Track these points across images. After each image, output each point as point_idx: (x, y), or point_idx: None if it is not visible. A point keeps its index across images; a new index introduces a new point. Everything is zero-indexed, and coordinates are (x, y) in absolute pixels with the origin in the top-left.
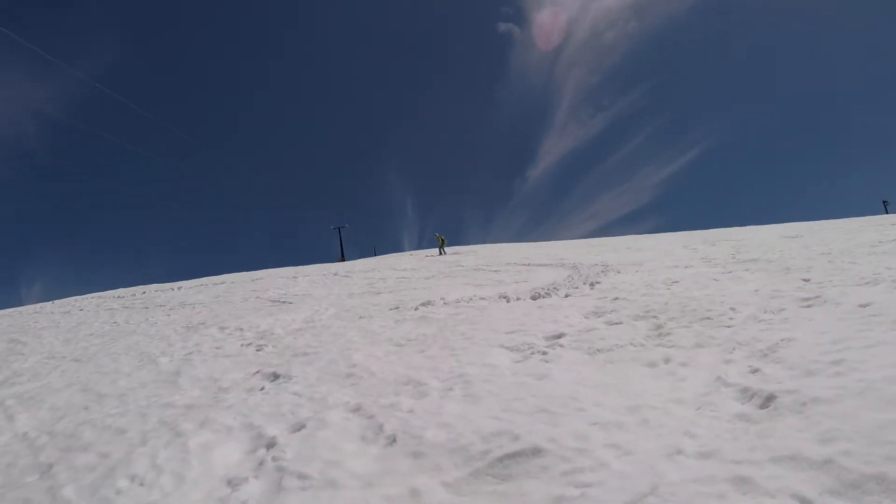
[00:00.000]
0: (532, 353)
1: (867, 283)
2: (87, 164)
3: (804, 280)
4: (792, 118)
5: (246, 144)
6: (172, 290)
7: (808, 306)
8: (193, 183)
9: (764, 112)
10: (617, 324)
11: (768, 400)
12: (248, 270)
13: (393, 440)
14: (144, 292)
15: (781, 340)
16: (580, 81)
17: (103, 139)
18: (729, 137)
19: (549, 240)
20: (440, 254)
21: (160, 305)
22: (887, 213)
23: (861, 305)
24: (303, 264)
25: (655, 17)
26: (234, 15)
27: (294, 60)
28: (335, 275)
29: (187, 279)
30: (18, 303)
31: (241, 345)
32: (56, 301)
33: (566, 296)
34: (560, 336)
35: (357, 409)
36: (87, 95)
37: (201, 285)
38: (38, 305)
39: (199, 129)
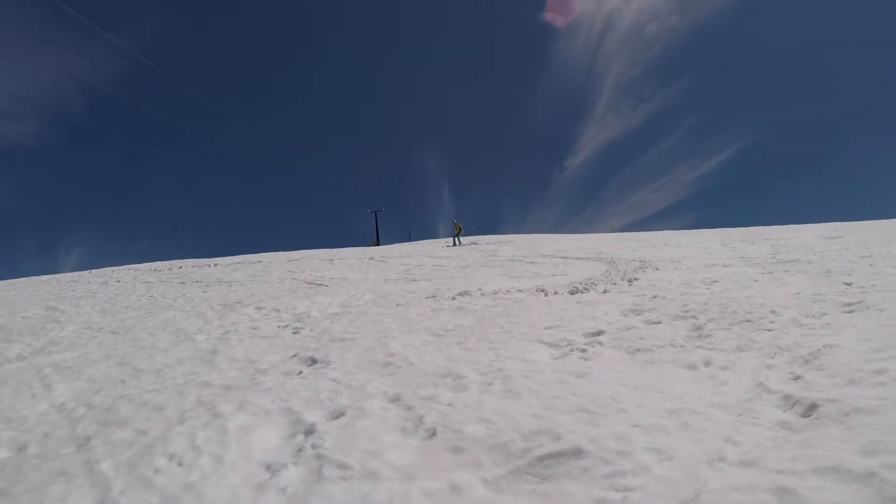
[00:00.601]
0: (571, 350)
1: None
2: (127, 136)
3: (846, 284)
4: (833, 116)
5: (287, 125)
6: (209, 266)
7: (851, 312)
8: (232, 160)
9: (803, 110)
10: (656, 323)
11: (810, 408)
12: (284, 250)
13: (433, 433)
14: (181, 267)
15: (824, 347)
16: (621, 73)
17: (144, 112)
18: (768, 135)
19: (585, 232)
20: (454, 244)
21: (197, 281)
22: None
23: None
24: (338, 247)
25: (699, 11)
26: None
27: (335, 44)
28: (371, 259)
29: (223, 256)
30: (56, 269)
31: (278, 326)
32: (93, 270)
33: (604, 291)
34: (599, 333)
35: (396, 400)
36: (130, 67)
37: (238, 263)
38: (76, 274)
39: (240, 106)
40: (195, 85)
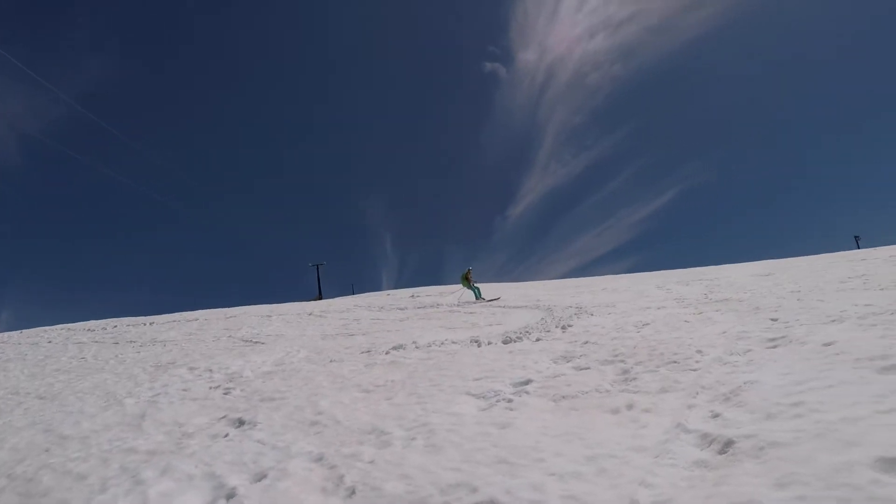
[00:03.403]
0: (498, 401)
1: (833, 321)
2: (64, 187)
3: (772, 319)
4: (769, 156)
5: (224, 177)
6: (144, 325)
7: (774, 347)
8: (170, 213)
9: (743, 152)
10: (585, 369)
11: (727, 445)
12: (222, 307)
13: (352, 492)
14: (116, 326)
15: (745, 383)
16: (563, 122)
17: (83, 163)
18: (711, 175)
19: (530, 279)
20: (475, 297)
21: (131, 341)
22: (859, 248)
23: (825, 344)
24: (279, 301)
25: (640, 60)
26: (224, 50)
27: (277, 96)
28: (310, 314)
29: (160, 313)
30: None
31: (210, 387)
32: (24, 331)
33: (537, 340)
34: (527, 382)
35: (319, 459)
36: (69, 117)
37: (174, 321)
38: (6, 335)
39: (177, 157)
40: (134, 137)
